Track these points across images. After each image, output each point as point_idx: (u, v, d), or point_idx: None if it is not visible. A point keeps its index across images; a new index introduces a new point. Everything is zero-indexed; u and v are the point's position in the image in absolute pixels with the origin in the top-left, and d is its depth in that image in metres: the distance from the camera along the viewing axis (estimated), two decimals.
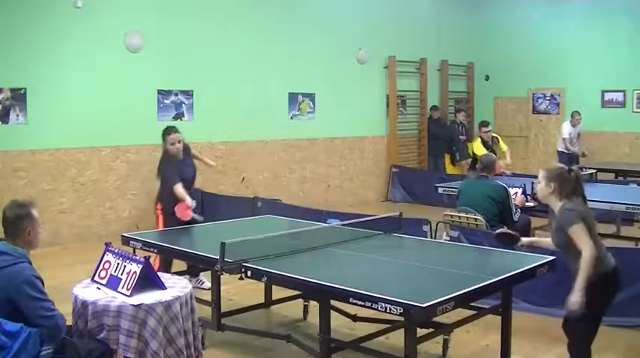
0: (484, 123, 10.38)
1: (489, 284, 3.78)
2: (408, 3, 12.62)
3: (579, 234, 3.73)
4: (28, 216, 3.49)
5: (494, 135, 10.31)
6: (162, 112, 9.23)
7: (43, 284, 3.42)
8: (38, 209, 3.61)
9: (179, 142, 6.13)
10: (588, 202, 4.81)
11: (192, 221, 5.94)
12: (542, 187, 4.00)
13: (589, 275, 3.67)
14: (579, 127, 11.95)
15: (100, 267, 4.00)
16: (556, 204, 3.93)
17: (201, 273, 6.09)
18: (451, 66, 13.61)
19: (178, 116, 9.39)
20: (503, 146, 10.23)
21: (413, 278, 4.07)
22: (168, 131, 6.19)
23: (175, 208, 5.90)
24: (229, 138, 9.93)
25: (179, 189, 5.91)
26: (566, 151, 11.81)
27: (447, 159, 12.79)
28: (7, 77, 7.87)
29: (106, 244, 4.15)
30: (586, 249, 3.70)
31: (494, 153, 9.48)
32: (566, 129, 11.87)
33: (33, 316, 3.29)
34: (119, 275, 3.85)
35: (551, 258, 4.38)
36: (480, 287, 3.69)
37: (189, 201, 5.88)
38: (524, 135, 13.93)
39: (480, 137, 10.02)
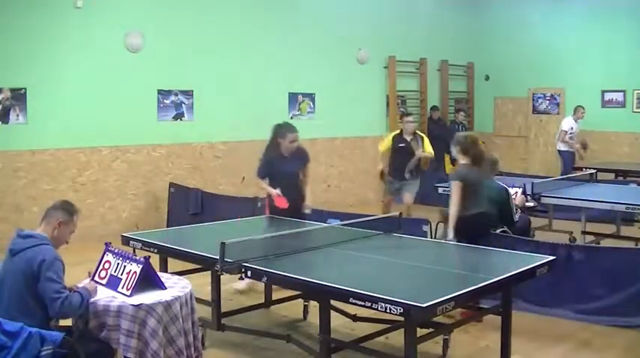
0: (407, 113, 9.35)
1: (489, 284, 3.78)
2: (408, 3, 12.61)
3: (452, 190, 5.15)
4: (70, 214, 3.74)
5: (418, 132, 9.00)
6: (162, 112, 9.23)
7: (63, 267, 3.52)
8: (80, 218, 3.92)
9: (296, 142, 6.17)
10: (588, 202, 5.47)
11: (288, 212, 5.90)
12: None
13: (454, 220, 5.14)
14: (580, 124, 11.89)
15: (100, 266, 4.02)
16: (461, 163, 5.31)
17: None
18: (451, 66, 13.60)
19: (178, 116, 9.39)
20: (429, 148, 8.83)
21: (413, 278, 4.07)
22: (291, 129, 6.16)
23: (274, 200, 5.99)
24: (229, 138, 9.93)
25: (260, 183, 6.19)
26: (567, 150, 11.72)
27: (447, 159, 12.74)
28: (7, 77, 7.87)
29: (106, 244, 4.16)
30: (452, 204, 5.14)
31: (413, 152, 8.59)
32: (568, 123, 11.79)
33: (45, 297, 3.42)
34: (119, 275, 3.87)
35: (551, 257, 4.39)
36: (479, 287, 3.69)
37: (274, 191, 5.94)
38: (524, 135, 13.92)
39: (401, 131, 8.79)
